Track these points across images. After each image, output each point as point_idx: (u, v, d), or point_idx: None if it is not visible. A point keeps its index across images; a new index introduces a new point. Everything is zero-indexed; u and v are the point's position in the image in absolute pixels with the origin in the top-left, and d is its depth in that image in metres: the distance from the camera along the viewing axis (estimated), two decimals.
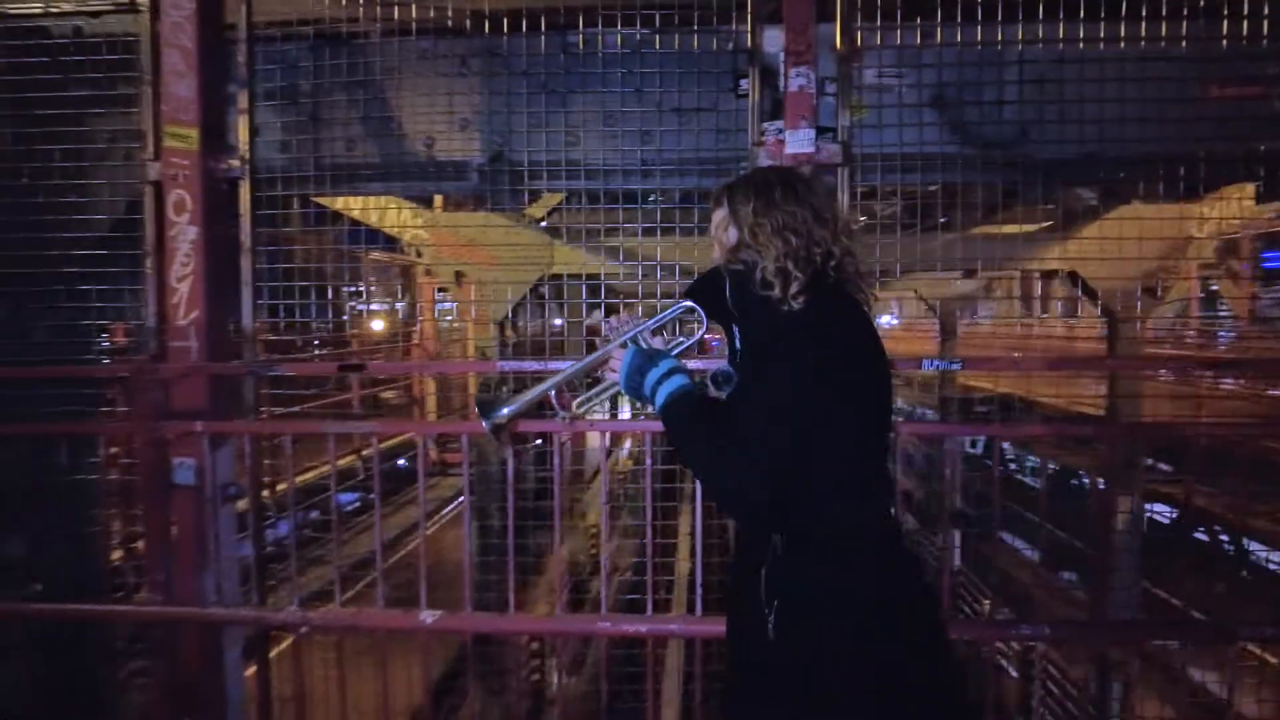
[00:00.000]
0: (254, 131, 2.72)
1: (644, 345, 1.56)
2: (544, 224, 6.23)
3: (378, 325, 10.91)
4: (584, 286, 3.09)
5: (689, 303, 1.58)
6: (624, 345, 1.55)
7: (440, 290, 9.02)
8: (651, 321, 1.59)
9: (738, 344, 1.50)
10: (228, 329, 2.82)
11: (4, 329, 3.09)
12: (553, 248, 6.13)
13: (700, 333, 1.61)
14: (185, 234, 2.64)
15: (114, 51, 2.80)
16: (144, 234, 2.77)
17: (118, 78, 2.83)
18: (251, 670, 2.80)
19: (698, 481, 1.53)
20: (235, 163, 2.71)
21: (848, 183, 2.50)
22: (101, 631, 2.88)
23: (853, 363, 1.41)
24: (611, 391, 1.61)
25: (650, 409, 1.51)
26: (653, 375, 1.48)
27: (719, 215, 1.53)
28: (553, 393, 1.58)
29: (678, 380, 1.48)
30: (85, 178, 2.97)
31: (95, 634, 2.88)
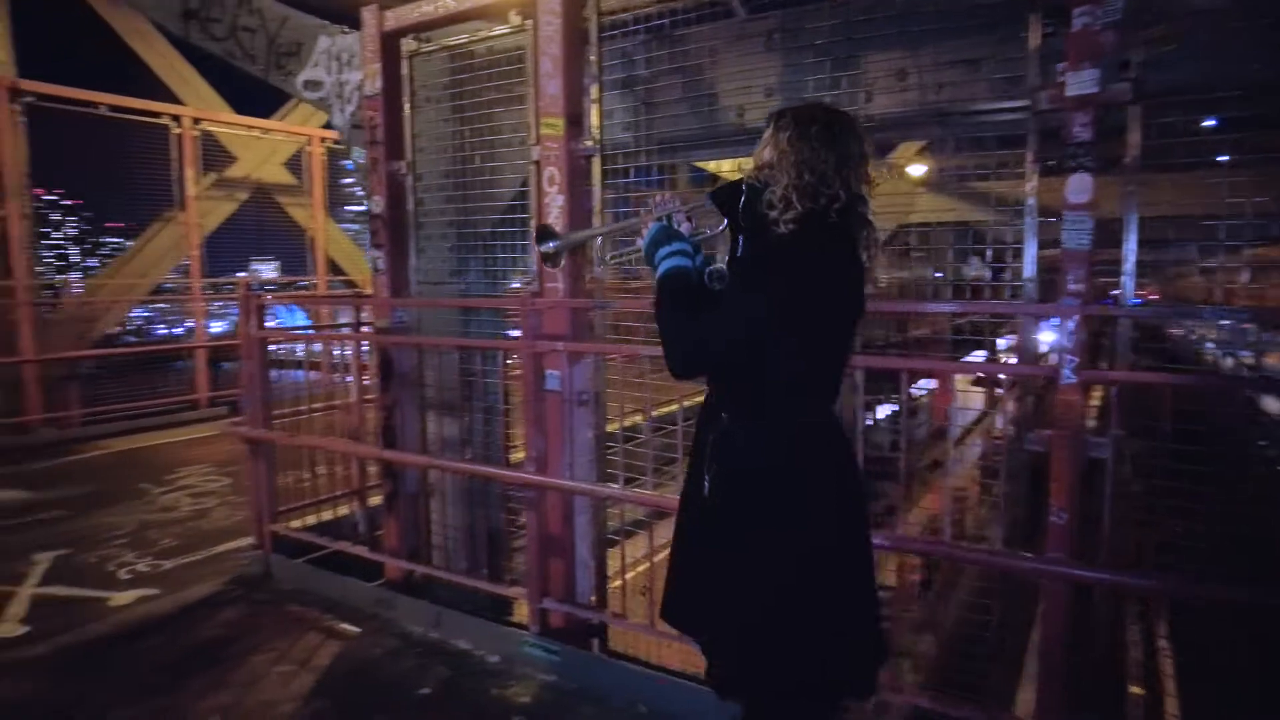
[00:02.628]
0: (603, 116, 3.44)
1: (671, 225, 1.83)
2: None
3: None
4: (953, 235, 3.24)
5: (708, 201, 1.82)
6: (658, 220, 1.84)
7: None
8: (683, 207, 1.87)
9: (739, 250, 1.72)
10: (585, 274, 3.63)
11: (450, 271, 4.32)
12: (914, 196, 6.19)
13: (720, 228, 1.83)
14: (555, 201, 3.47)
15: (512, 63, 3.73)
16: (531, 202, 3.70)
17: (515, 83, 3.75)
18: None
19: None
20: (590, 143, 3.45)
21: (1139, 121, 2.39)
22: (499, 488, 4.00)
23: (815, 288, 1.59)
24: (636, 254, 1.92)
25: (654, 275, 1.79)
26: (664, 250, 1.77)
27: (767, 132, 1.72)
28: (599, 242, 1.91)
29: (680, 260, 1.75)
30: (497, 160, 4.00)
31: (496, 489, 4.01)
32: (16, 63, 8.32)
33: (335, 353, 4.65)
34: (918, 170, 6.38)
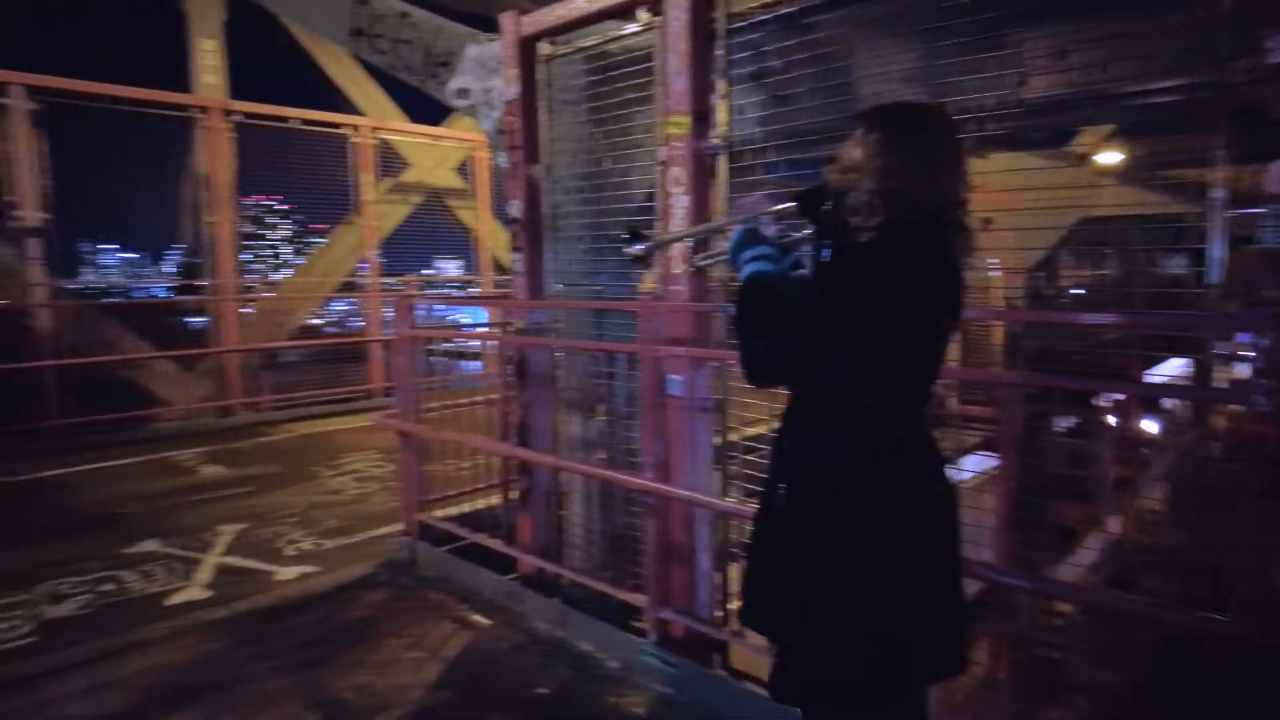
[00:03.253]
0: (730, 112, 3.31)
1: (757, 227, 1.79)
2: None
3: None
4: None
5: (795, 205, 1.78)
6: (744, 222, 1.81)
7: None
8: (770, 209, 1.82)
9: (822, 255, 1.66)
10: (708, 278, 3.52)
11: (584, 273, 4.35)
12: (1097, 188, 5.59)
13: (806, 232, 1.79)
14: (679, 203, 3.39)
15: (643, 62, 3.67)
16: (658, 203, 3.63)
17: (646, 81, 3.70)
18: None
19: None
20: (716, 140, 3.33)
21: None
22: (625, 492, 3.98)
23: (892, 298, 1.51)
24: (723, 258, 1.89)
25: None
26: (748, 253, 1.74)
27: (857, 132, 1.65)
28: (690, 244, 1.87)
29: (762, 265, 1.73)
30: (629, 161, 3.97)
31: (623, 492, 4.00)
32: (229, 86, 9.34)
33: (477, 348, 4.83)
34: (1109, 158, 5.73)
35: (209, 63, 9.03)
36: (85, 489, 6.68)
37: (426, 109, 11.19)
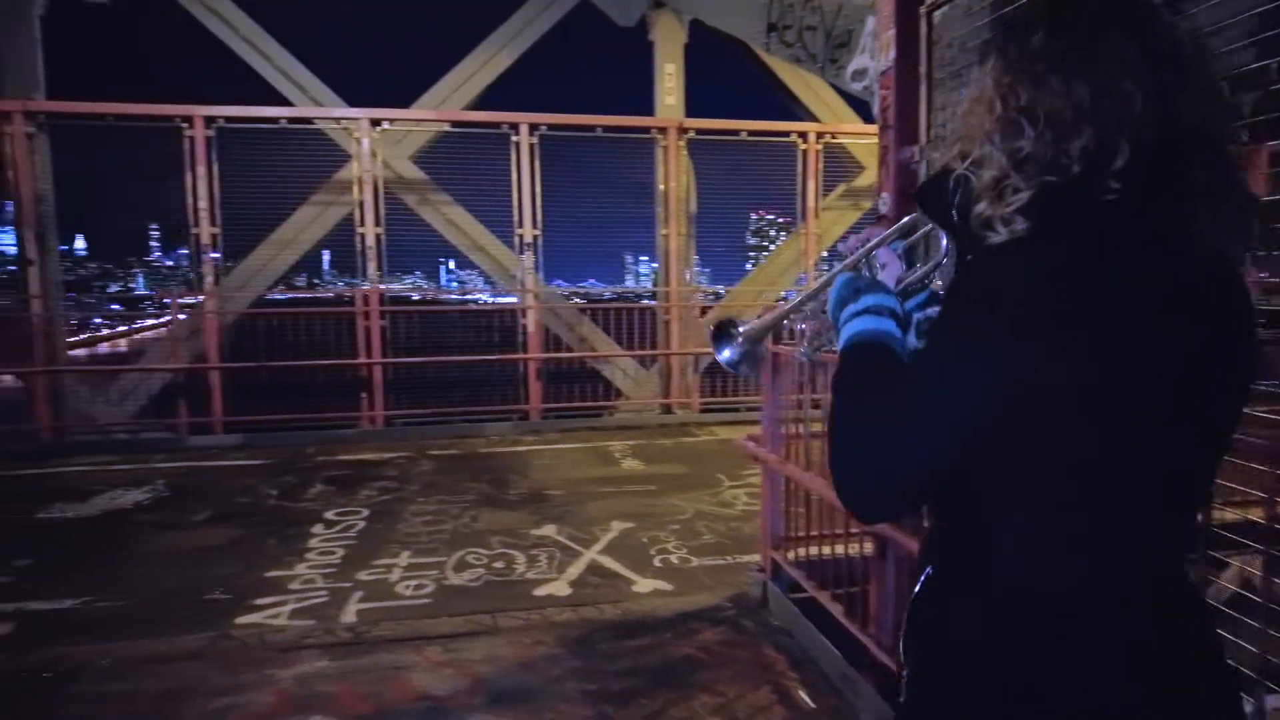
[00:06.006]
0: None
1: (871, 271, 1.17)
2: None
3: None
4: None
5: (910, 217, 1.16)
6: (854, 269, 1.20)
7: None
8: (874, 242, 1.16)
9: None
10: None
11: None
12: None
13: (939, 258, 1.13)
14: None
15: None
16: None
17: None
18: None
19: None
20: None
21: None
22: None
23: (1068, 340, 0.82)
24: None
25: None
26: (847, 310, 1.10)
27: (973, 72, 0.99)
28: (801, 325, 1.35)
29: (865, 323, 1.05)
30: None
31: None
32: (685, 106, 9.98)
33: None
34: None
35: (669, 85, 9.73)
36: (535, 468, 7.67)
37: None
